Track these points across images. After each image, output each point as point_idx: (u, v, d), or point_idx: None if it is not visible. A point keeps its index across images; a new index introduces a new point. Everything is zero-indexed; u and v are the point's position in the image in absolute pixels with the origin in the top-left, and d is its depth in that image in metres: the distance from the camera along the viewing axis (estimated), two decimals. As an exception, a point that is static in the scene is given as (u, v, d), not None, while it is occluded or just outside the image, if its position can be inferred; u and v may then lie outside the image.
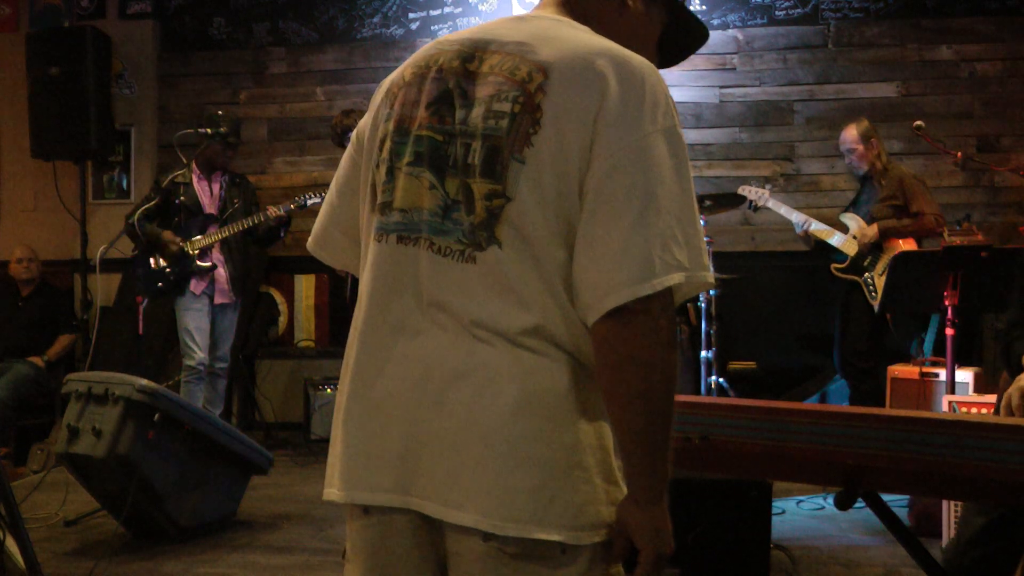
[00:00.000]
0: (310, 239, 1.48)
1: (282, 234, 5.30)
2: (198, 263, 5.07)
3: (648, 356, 1.16)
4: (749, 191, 5.21)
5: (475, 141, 1.21)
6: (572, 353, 1.22)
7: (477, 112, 1.22)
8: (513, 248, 1.19)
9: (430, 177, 1.24)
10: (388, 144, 1.30)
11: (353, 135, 1.45)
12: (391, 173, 1.28)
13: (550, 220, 1.19)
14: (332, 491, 1.31)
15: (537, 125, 1.19)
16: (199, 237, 5.08)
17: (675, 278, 1.16)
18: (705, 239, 1.23)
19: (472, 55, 1.27)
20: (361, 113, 5.01)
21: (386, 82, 1.39)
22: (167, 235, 5.04)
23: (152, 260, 5.08)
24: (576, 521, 1.20)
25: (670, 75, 6.36)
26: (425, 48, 1.35)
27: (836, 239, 5.04)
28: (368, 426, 1.27)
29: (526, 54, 1.23)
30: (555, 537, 1.18)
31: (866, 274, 4.92)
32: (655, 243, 1.15)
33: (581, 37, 1.25)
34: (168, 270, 5.06)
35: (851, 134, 5.05)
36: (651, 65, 1.23)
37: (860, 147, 5.02)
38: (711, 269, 1.25)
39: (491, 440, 1.18)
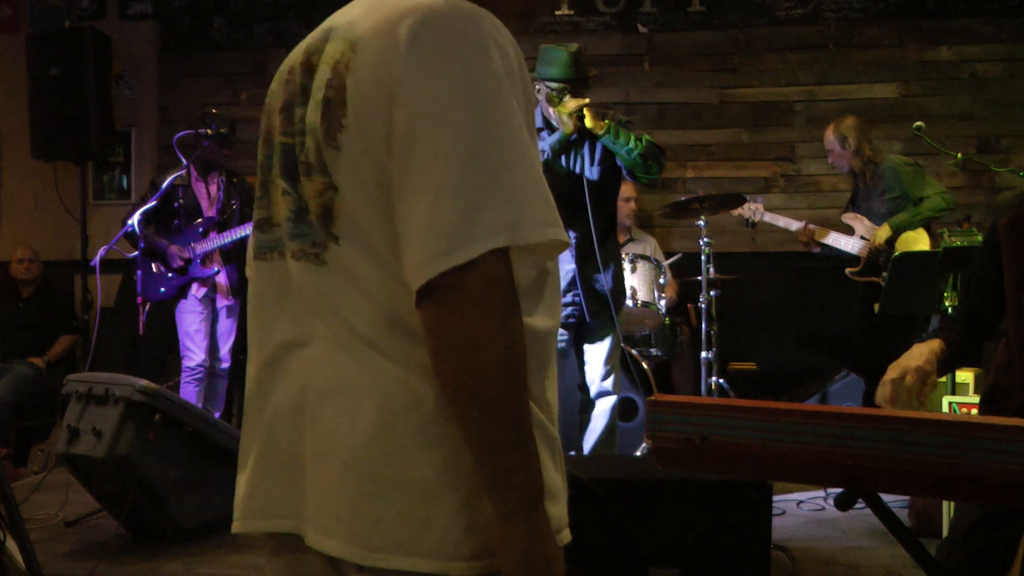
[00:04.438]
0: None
1: None
2: (202, 271, 5.10)
3: (467, 338, 1.00)
4: (744, 209, 5.19)
5: (308, 137, 1.13)
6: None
7: (309, 107, 1.14)
8: (351, 241, 1.09)
9: (283, 184, 1.17)
10: (260, 158, 1.23)
11: None
12: (265, 188, 1.22)
13: (375, 205, 1.07)
14: (236, 524, 1.24)
15: (344, 107, 1.08)
16: (202, 248, 5.10)
17: (493, 241, 1.00)
18: (544, 190, 1.06)
19: (315, 47, 1.18)
20: None
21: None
22: (173, 250, 5.06)
23: (154, 265, 5.10)
24: (454, 550, 1.06)
25: (669, 75, 6.37)
26: (294, 49, 1.26)
27: (843, 241, 5.04)
28: (259, 451, 1.19)
29: (347, 34, 1.13)
30: (428, 568, 1.06)
31: (884, 273, 4.92)
32: (463, 204, 1.00)
33: (403, 2, 1.10)
34: (170, 275, 5.08)
35: (827, 136, 5.08)
36: (469, 10, 1.09)
37: (836, 148, 5.05)
38: (558, 223, 1.06)
39: (353, 463, 1.07)
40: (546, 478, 1.07)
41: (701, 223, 4.79)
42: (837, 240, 5.06)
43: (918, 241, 4.85)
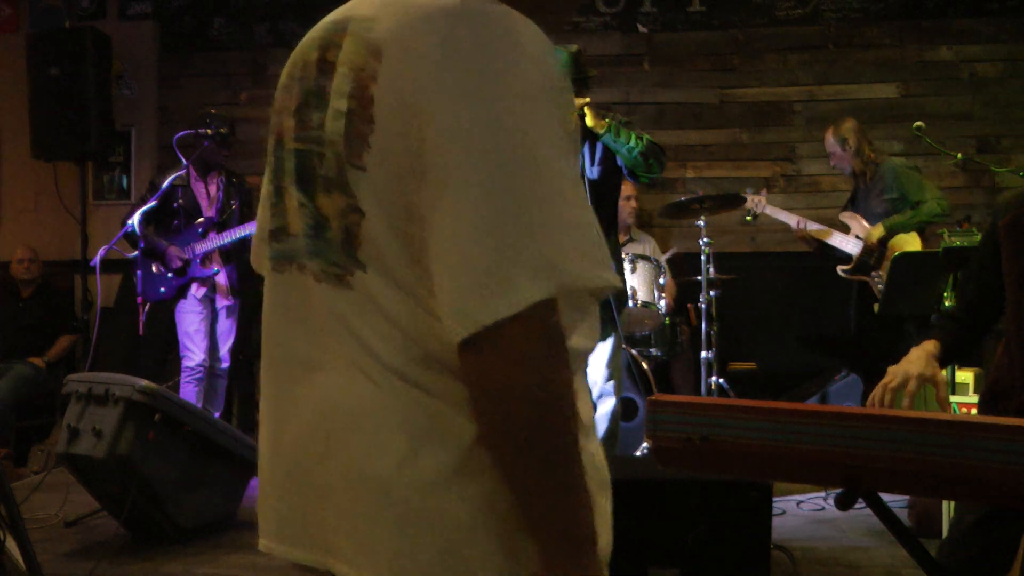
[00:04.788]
0: (251, 254, 1.31)
1: None
2: (201, 271, 5.10)
3: (512, 390, 0.91)
4: (748, 200, 5.22)
5: (327, 148, 1.03)
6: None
7: (328, 113, 1.03)
8: (377, 272, 1.00)
9: (298, 195, 1.08)
10: (271, 160, 1.15)
11: None
12: (279, 194, 1.12)
13: (403, 238, 0.98)
14: (262, 541, 1.18)
15: (372, 123, 0.98)
16: (201, 248, 5.10)
17: (538, 291, 0.90)
18: (591, 225, 0.96)
19: (330, 42, 1.07)
20: None
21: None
22: (172, 251, 5.06)
23: (154, 266, 5.11)
24: None
25: (669, 75, 6.38)
26: (305, 37, 1.15)
27: (839, 240, 5.05)
28: (279, 477, 1.13)
29: (367, 32, 1.01)
30: None
31: (873, 273, 4.93)
32: (500, 245, 0.90)
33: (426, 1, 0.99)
34: (170, 276, 5.09)
35: (827, 138, 5.11)
36: (501, 13, 0.98)
37: (837, 150, 5.08)
38: (610, 265, 0.97)
39: (384, 495, 1.00)
40: (596, 517, 1.00)
41: (701, 223, 4.80)
42: (838, 241, 5.06)
43: (910, 243, 4.87)
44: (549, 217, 0.92)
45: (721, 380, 4.93)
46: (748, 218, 5.29)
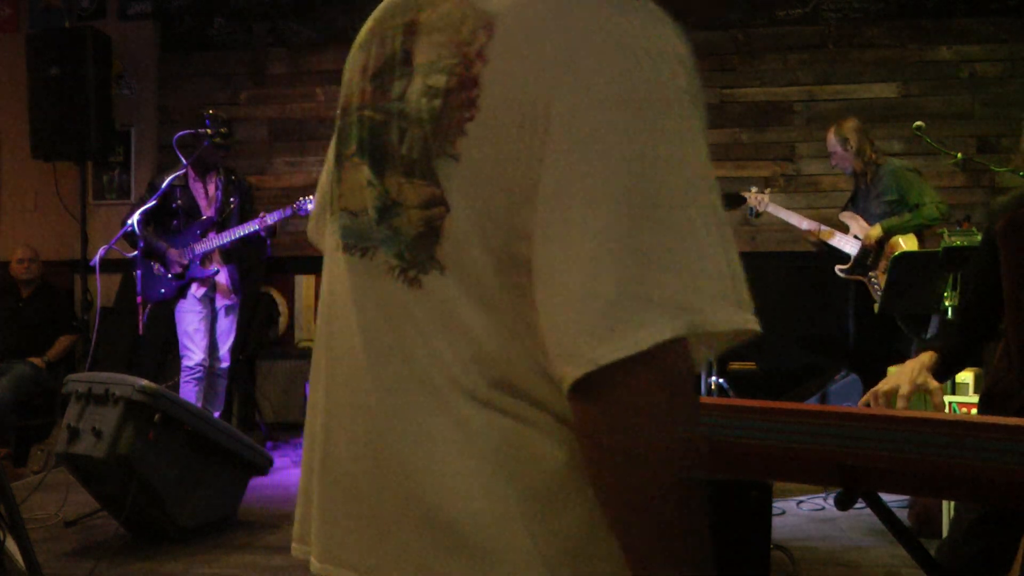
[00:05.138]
0: (309, 225, 1.22)
1: (268, 243, 5.29)
2: (201, 271, 5.10)
3: (635, 449, 0.77)
4: (750, 197, 5.23)
5: (411, 126, 0.88)
6: (560, 414, 0.85)
7: (415, 85, 0.88)
8: (458, 279, 0.86)
9: (367, 170, 0.93)
10: (337, 126, 1.01)
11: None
12: (340, 163, 0.99)
13: (493, 243, 0.83)
14: (304, 551, 1.04)
15: (473, 107, 0.83)
16: (201, 248, 5.10)
17: (669, 328, 0.76)
18: (733, 259, 0.83)
19: (421, 2, 0.92)
20: None
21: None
22: (172, 255, 5.06)
23: (154, 266, 5.11)
24: None
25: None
26: None
27: (838, 240, 5.05)
28: (334, 492, 0.98)
29: (476, 1, 0.86)
30: None
31: (870, 273, 4.93)
32: (629, 275, 0.76)
33: None
34: (170, 276, 5.09)
35: (829, 137, 5.11)
36: (646, 5, 0.84)
37: (839, 149, 5.07)
38: (749, 304, 0.83)
39: (444, 526, 0.87)
40: None
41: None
42: (838, 241, 5.06)
43: (907, 243, 4.87)
44: (688, 249, 0.78)
45: (721, 380, 4.94)
46: (751, 216, 5.30)
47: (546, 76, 0.80)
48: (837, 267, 5.05)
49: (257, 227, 5.05)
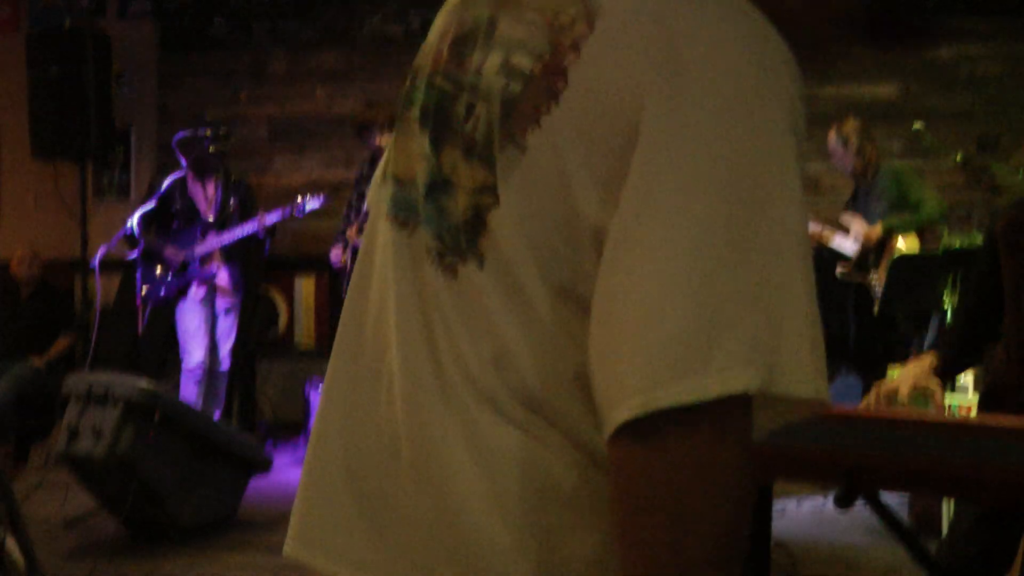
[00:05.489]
0: (370, 193, 1.18)
1: (267, 243, 5.29)
2: (201, 271, 5.11)
3: (680, 507, 0.68)
4: None
5: (481, 102, 0.81)
6: (577, 439, 0.79)
7: (494, 60, 0.81)
8: (494, 273, 0.79)
9: (424, 141, 0.86)
10: (407, 86, 0.92)
11: None
12: (401, 128, 0.91)
13: (541, 247, 0.76)
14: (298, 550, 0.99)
15: (554, 100, 0.76)
16: (201, 250, 5.11)
17: (741, 379, 0.66)
18: (817, 324, 0.71)
19: None
20: (384, 107, 4.99)
21: None
22: (172, 255, 5.07)
23: (155, 267, 5.12)
24: None
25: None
26: None
27: (838, 242, 5.05)
28: (355, 501, 0.90)
29: None
30: None
31: (871, 273, 4.94)
32: (706, 314, 0.67)
33: None
34: (170, 277, 5.10)
35: (830, 137, 5.11)
36: (763, 29, 0.78)
37: (839, 150, 5.08)
38: (825, 374, 0.72)
39: (478, 553, 0.80)
40: None
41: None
42: (841, 243, 5.07)
43: (908, 243, 4.87)
44: (776, 295, 0.69)
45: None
46: None
47: (642, 87, 0.72)
48: (837, 268, 5.06)
49: (255, 227, 5.05)
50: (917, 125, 4.72)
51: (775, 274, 0.69)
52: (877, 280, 4.88)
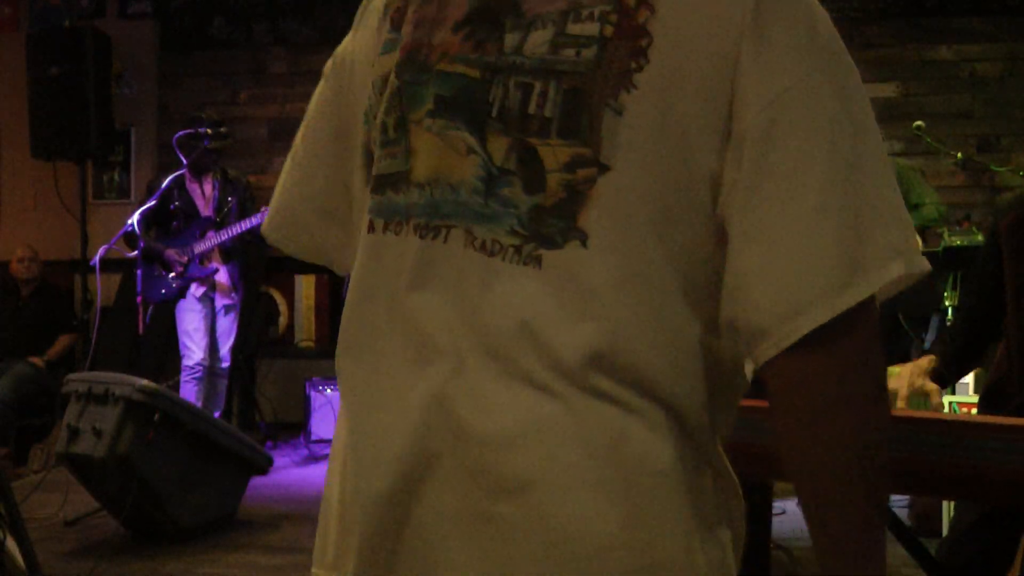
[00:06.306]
0: (265, 219, 1.11)
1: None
2: (201, 270, 5.11)
3: (862, 394, 0.78)
4: None
5: (541, 81, 0.80)
6: (681, 417, 0.81)
7: (540, 36, 0.80)
8: (604, 247, 0.79)
9: (465, 135, 0.82)
10: (392, 85, 0.88)
11: (328, 65, 1.07)
12: (400, 128, 0.87)
13: (658, 207, 0.79)
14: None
15: (642, 57, 0.78)
16: (200, 249, 5.10)
17: (893, 269, 0.78)
18: None
19: None
20: None
21: None
22: (172, 254, 5.07)
23: (154, 266, 5.12)
24: None
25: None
26: None
27: None
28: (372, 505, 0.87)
29: None
30: None
31: None
32: (852, 224, 0.77)
33: None
34: (171, 276, 5.10)
35: None
36: None
37: None
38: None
39: (567, 540, 0.79)
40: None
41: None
42: None
43: None
44: (893, 199, 0.80)
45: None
46: None
47: (730, 29, 0.78)
48: None
49: (255, 222, 5.06)
50: (917, 125, 4.71)
51: (889, 181, 0.80)
52: None
